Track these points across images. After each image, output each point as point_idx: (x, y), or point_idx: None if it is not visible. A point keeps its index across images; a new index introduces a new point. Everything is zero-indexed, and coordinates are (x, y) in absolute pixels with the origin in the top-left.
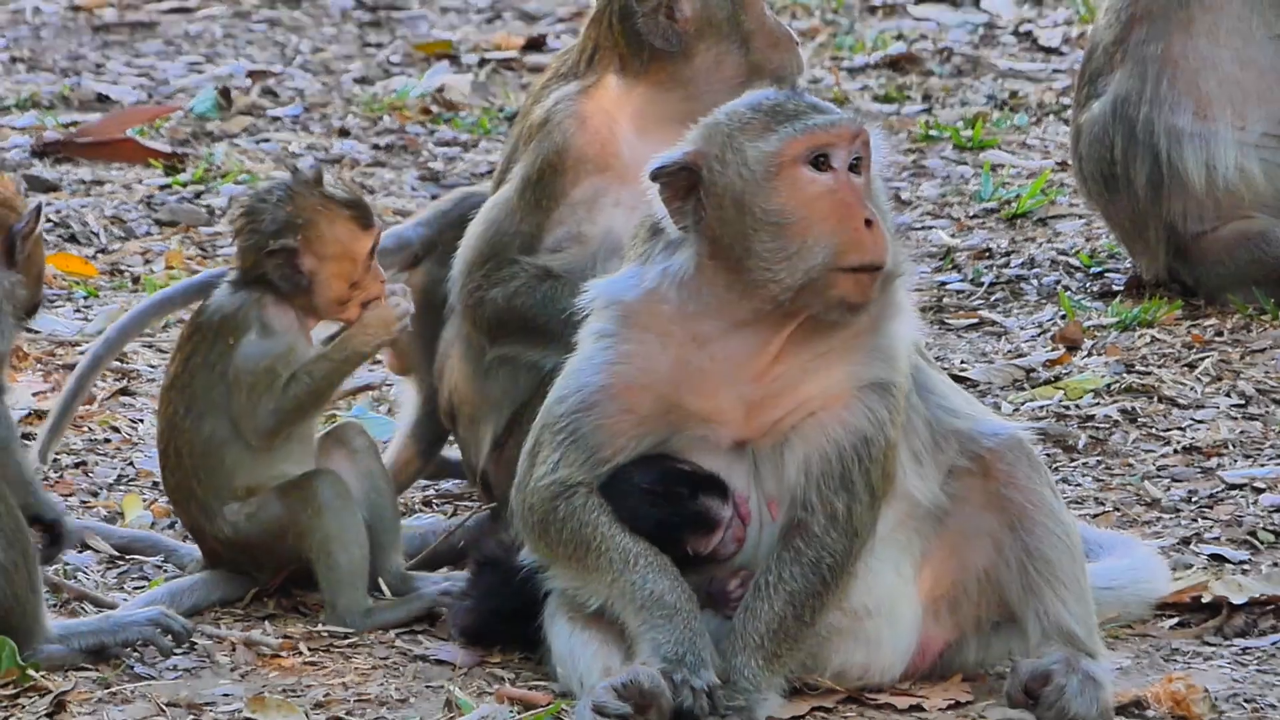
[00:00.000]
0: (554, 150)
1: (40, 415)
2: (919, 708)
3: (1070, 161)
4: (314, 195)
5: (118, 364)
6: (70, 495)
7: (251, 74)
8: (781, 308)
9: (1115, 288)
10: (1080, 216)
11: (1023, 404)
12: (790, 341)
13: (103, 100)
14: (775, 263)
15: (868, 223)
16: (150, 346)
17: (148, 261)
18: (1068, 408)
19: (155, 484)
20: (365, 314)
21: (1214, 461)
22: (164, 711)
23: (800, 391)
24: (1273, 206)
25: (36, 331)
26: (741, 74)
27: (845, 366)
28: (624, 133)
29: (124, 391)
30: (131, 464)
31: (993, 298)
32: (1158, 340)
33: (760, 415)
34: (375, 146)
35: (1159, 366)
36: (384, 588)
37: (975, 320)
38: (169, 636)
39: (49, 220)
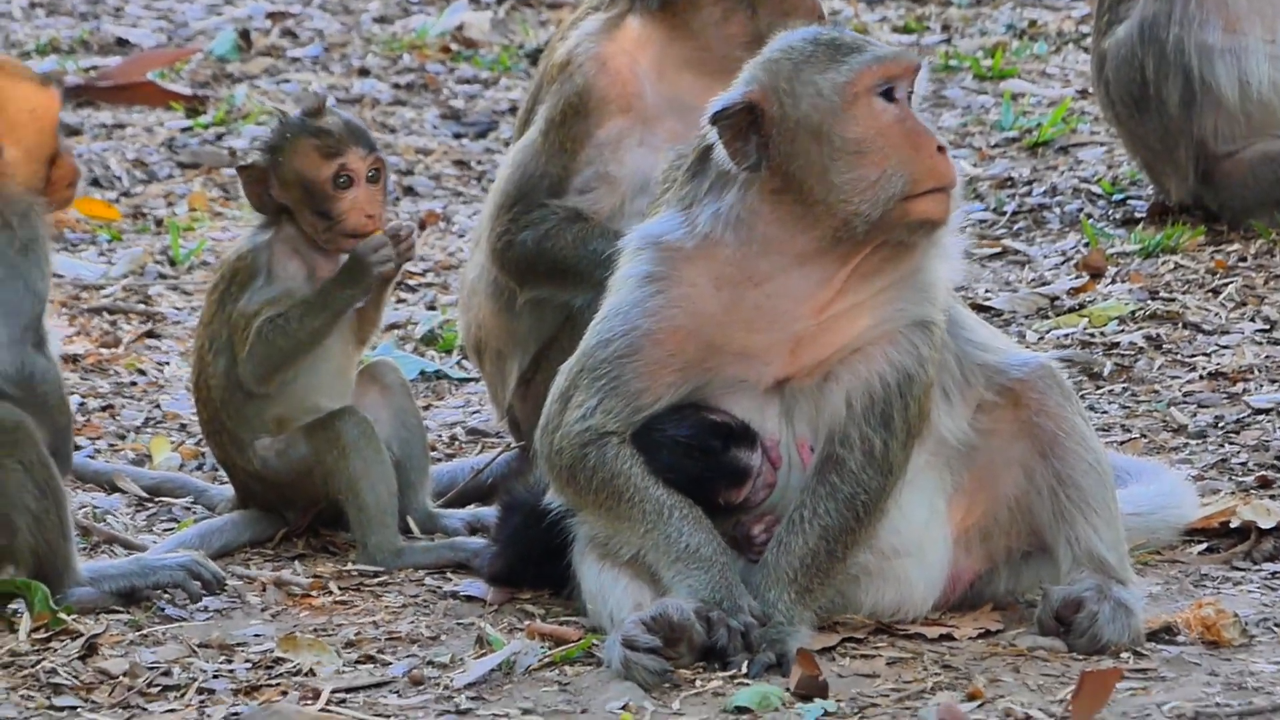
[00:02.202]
0: (576, 92)
1: (67, 360)
2: (949, 637)
3: (1093, 88)
4: (298, 122)
5: (143, 307)
6: (98, 438)
7: (271, 15)
8: (853, 238)
9: (1138, 215)
10: (1102, 144)
11: (1047, 332)
12: (853, 275)
13: (122, 44)
14: (856, 192)
15: (940, 149)
16: (175, 289)
17: (170, 204)
18: (1092, 335)
19: (183, 426)
20: (352, 253)
21: (1239, 387)
22: (195, 653)
23: (852, 327)
24: None
25: (60, 275)
26: (747, 35)
27: (894, 304)
28: (645, 74)
29: (150, 334)
30: (159, 406)
31: (1015, 226)
32: (1181, 266)
33: (808, 352)
34: (395, 86)
35: (1183, 293)
36: (413, 526)
37: (998, 249)
38: (199, 583)
39: None
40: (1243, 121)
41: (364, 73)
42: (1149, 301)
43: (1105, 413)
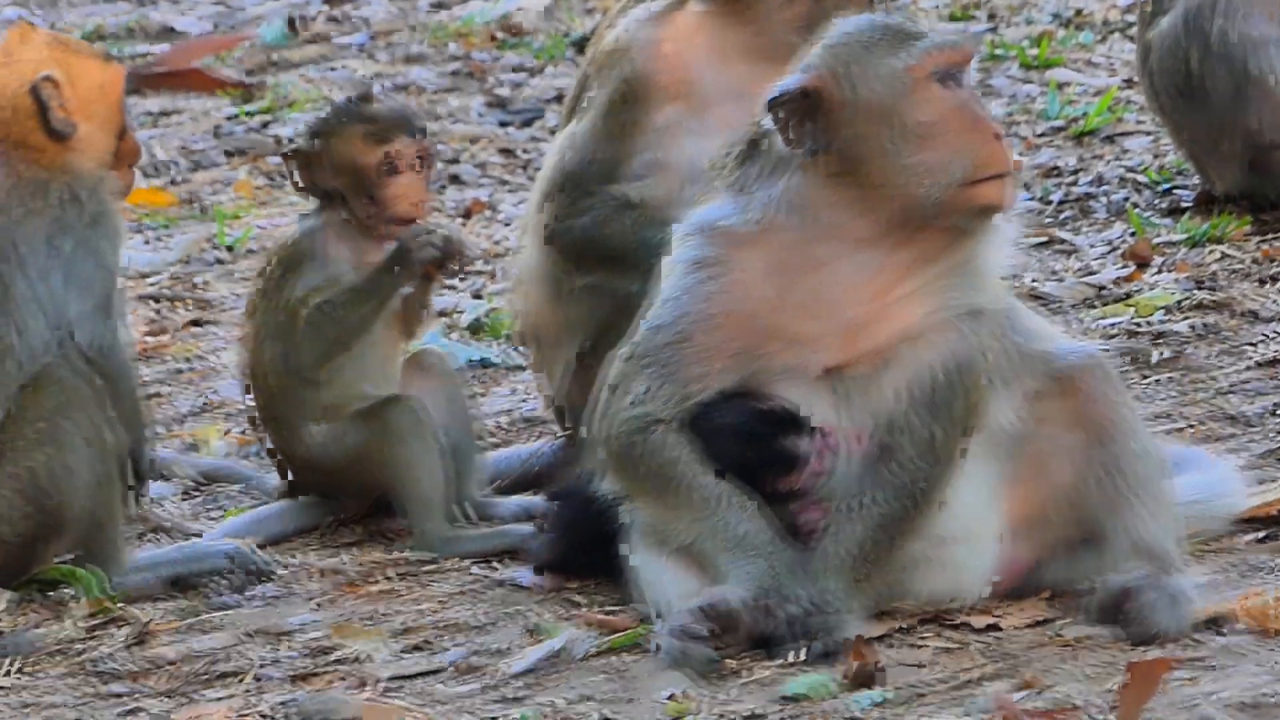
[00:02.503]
0: (628, 78)
1: None
2: (998, 627)
3: (1138, 78)
4: (346, 109)
5: (193, 294)
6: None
7: (320, 1)
8: (912, 223)
9: (1184, 204)
10: (1148, 133)
11: (1094, 321)
12: (909, 262)
13: (170, 31)
14: (919, 176)
15: (997, 135)
16: (225, 277)
17: (217, 192)
18: (1139, 324)
19: (233, 414)
20: (398, 239)
21: None
22: (247, 640)
23: (908, 315)
24: None
25: None
26: (805, 20)
27: (949, 291)
28: (699, 60)
29: (196, 322)
30: (209, 394)
31: (1062, 215)
32: (1227, 256)
33: (863, 339)
34: (442, 73)
35: (1230, 282)
36: (462, 515)
37: (1045, 238)
38: (246, 571)
39: None
40: None
41: (411, 60)
42: (1195, 291)
43: (1154, 401)
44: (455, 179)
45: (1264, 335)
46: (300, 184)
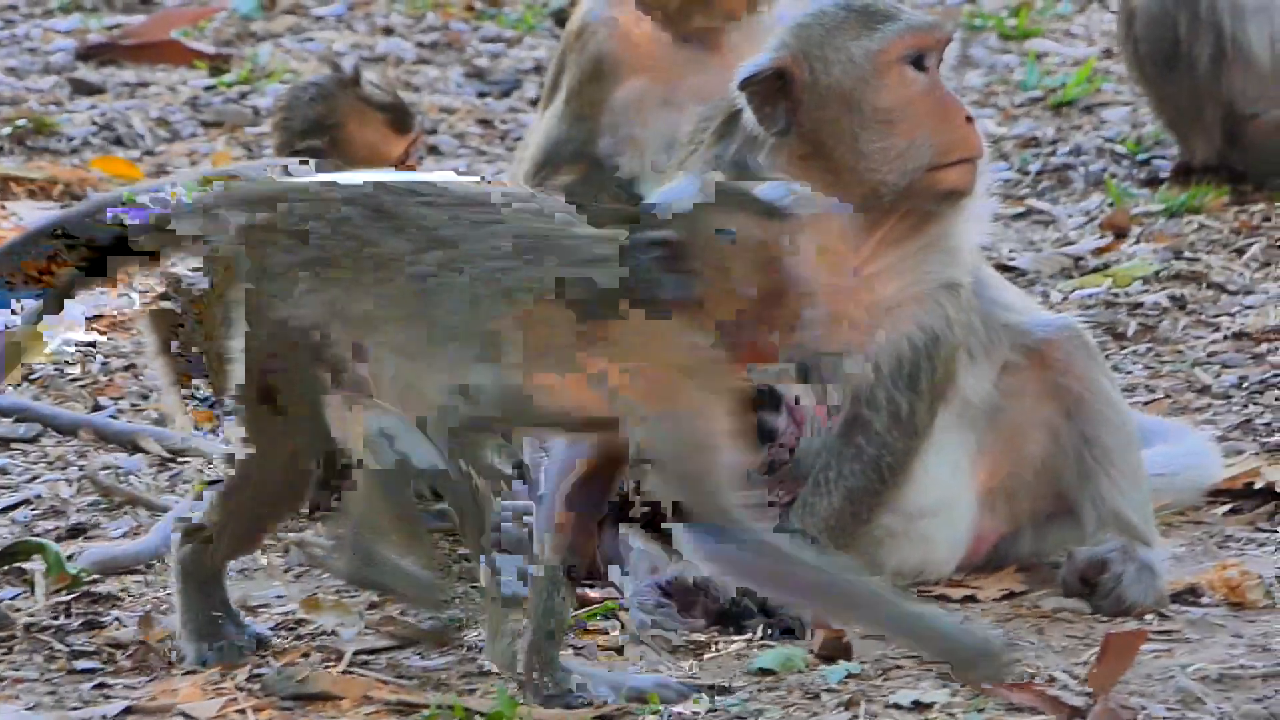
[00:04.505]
0: (592, 58)
1: (91, 320)
2: (973, 598)
3: (1118, 48)
4: (348, 95)
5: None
6: (120, 399)
7: None
8: (880, 206)
9: (1162, 175)
10: (1126, 104)
11: (1071, 292)
12: (880, 243)
13: (145, 2)
14: (884, 161)
15: (968, 119)
16: None
17: (194, 163)
18: (1116, 295)
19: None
20: None
21: (1264, 347)
22: None
23: (880, 290)
24: None
25: None
26: None
27: (921, 267)
28: (660, 34)
29: (167, 296)
30: None
31: (1040, 186)
32: (1205, 227)
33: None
34: (420, 44)
35: (1207, 253)
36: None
37: (1023, 209)
38: None
39: (94, 124)
40: (1272, 81)
41: (388, 31)
42: (1173, 261)
43: (1129, 373)
44: (433, 149)
45: (1239, 307)
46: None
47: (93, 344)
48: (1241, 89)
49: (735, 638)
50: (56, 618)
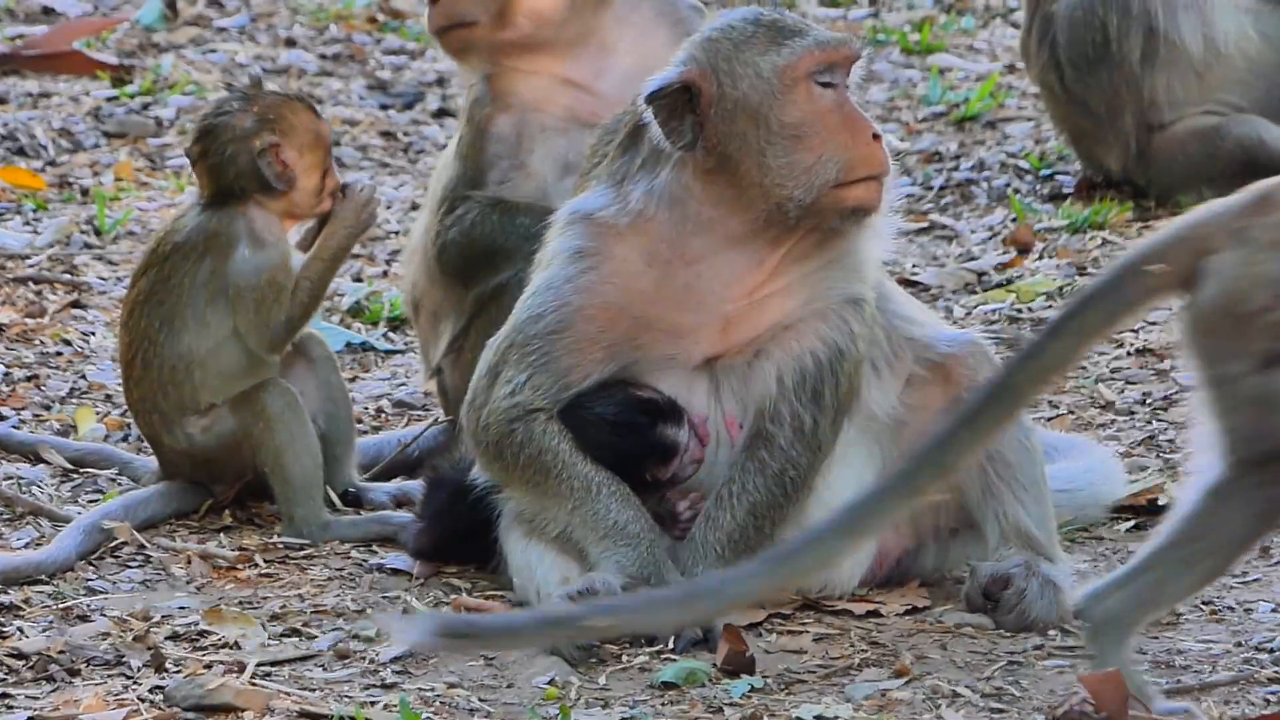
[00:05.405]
0: (470, 100)
1: None
2: (876, 613)
3: (1028, 58)
4: (268, 95)
5: (68, 277)
6: (23, 409)
7: None
8: (785, 222)
9: (1065, 190)
10: (1029, 119)
11: (975, 307)
12: (785, 258)
13: (48, 12)
14: (790, 177)
15: (875, 136)
16: (101, 259)
17: (96, 174)
18: (1020, 311)
19: (108, 397)
20: (337, 207)
21: (1167, 363)
22: (119, 625)
23: (783, 307)
24: (1269, 75)
25: None
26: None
27: (825, 283)
28: (527, 67)
29: (75, 304)
30: (84, 377)
31: (943, 201)
32: (1108, 242)
33: (738, 331)
34: (322, 56)
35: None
36: (334, 499)
37: (925, 224)
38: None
39: None
40: (1197, 81)
41: (291, 43)
42: (1077, 277)
43: None
44: (337, 161)
45: (1142, 323)
46: (274, 179)
47: None
48: (1166, 88)
49: (644, 650)
50: None
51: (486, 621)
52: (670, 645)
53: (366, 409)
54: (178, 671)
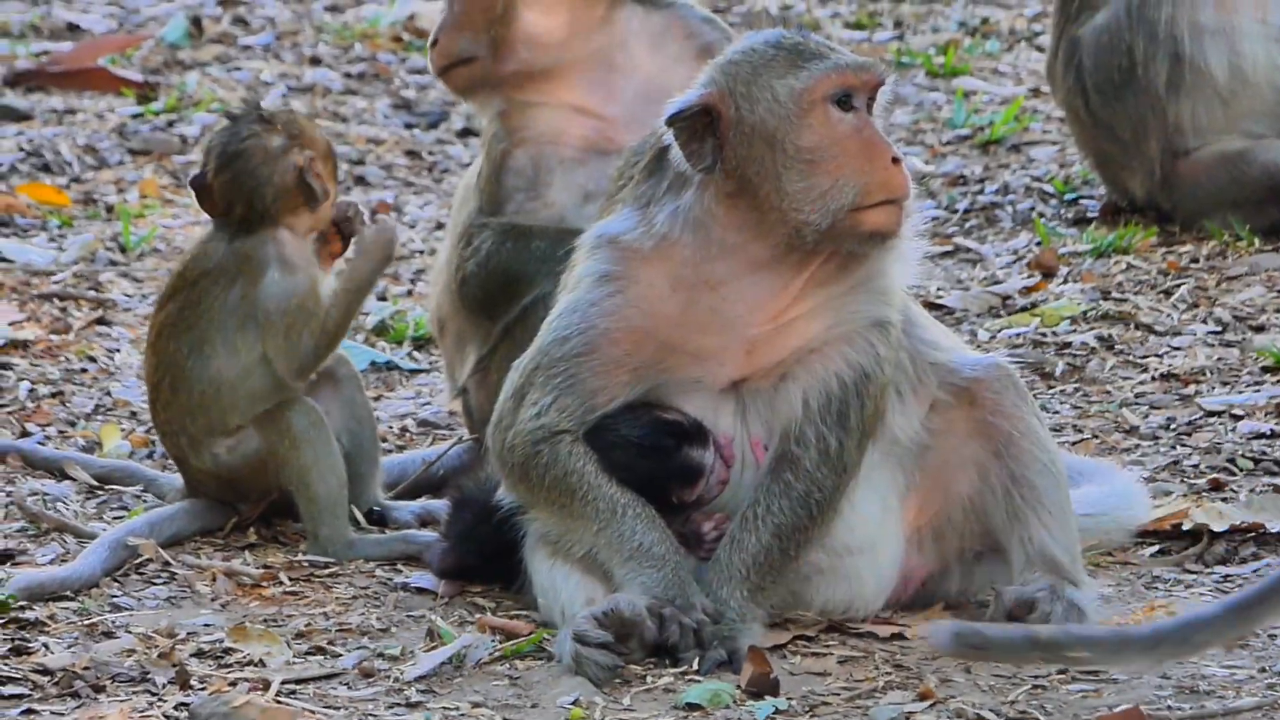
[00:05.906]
0: (488, 136)
1: (16, 345)
2: (901, 636)
3: (1054, 82)
4: (281, 113)
5: (93, 293)
6: (48, 425)
7: (222, 2)
8: (805, 247)
9: (1090, 214)
10: (1054, 143)
11: (999, 331)
12: (808, 283)
13: (73, 29)
14: (807, 201)
15: (895, 160)
16: (126, 276)
17: (121, 190)
18: (1044, 335)
19: (133, 414)
20: (364, 235)
21: (1191, 389)
22: (145, 642)
23: (808, 330)
24: None
25: (10, 261)
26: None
27: (850, 306)
28: (540, 100)
29: (100, 321)
30: (109, 393)
31: (967, 224)
32: (1133, 267)
33: (764, 354)
34: (347, 75)
35: (1135, 293)
36: (359, 518)
37: (950, 248)
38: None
39: (21, 150)
40: (1223, 108)
41: (315, 61)
42: (1101, 302)
43: (1057, 413)
44: (361, 180)
45: (1166, 348)
46: (319, 193)
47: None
48: (1192, 114)
49: (668, 671)
50: None
51: (993, 632)
52: (694, 666)
53: (391, 428)
54: (202, 688)
